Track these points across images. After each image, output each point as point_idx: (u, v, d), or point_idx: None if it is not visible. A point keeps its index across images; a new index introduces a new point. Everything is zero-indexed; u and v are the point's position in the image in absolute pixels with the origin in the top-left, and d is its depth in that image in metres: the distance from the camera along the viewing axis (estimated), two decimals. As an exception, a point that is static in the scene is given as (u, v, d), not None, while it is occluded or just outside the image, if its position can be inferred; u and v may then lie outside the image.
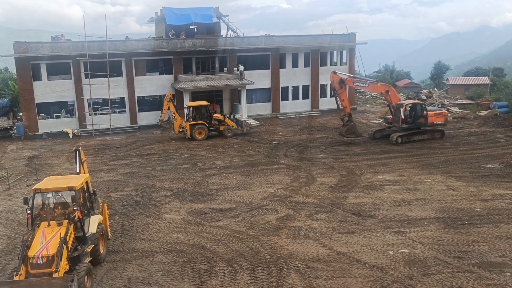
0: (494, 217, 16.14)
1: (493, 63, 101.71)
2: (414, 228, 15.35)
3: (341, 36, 46.90)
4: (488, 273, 12.14)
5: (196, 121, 33.07)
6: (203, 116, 33.46)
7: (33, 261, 11.25)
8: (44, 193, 12.72)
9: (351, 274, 12.32)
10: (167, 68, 41.58)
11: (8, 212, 18.94)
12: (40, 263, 11.26)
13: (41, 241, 11.67)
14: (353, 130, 30.37)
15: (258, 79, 42.38)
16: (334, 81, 30.01)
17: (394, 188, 19.95)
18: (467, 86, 60.06)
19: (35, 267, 11.24)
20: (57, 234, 11.84)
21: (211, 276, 12.50)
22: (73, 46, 38.79)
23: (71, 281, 10.57)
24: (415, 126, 29.71)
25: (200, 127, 32.97)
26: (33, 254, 11.30)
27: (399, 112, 29.20)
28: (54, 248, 11.44)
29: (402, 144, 28.75)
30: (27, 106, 37.58)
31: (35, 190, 12.56)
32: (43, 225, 12.30)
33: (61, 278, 10.83)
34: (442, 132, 30.60)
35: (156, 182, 22.41)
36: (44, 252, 11.35)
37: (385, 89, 30.30)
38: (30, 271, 11.21)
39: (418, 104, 30.72)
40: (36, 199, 12.62)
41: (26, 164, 28.11)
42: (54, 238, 11.71)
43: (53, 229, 12.11)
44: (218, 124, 33.96)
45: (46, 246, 11.50)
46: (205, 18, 45.04)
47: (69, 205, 13.11)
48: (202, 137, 32.90)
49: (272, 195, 19.57)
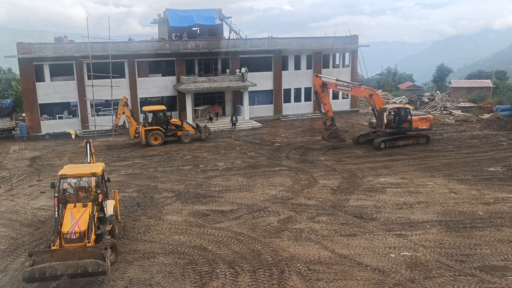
0: (496, 221, 16.10)
1: (496, 66, 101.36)
2: (416, 231, 15.32)
3: (344, 39, 46.95)
4: (490, 277, 12.11)
5: (151, 126, 32.09)
6: (160, 121, 32.42)
7: (66, 236, 12.66)
8: (69, 178, 14.06)
9: (353, 277, 12.30)
10: (170, 70, 41.70)
11: (10, 212, 18.97)
12: (73, 238, 12.70)
13: (71, 219, 13.08)
14: (335, 134, 29.70)
15: (260, 81, 42.43)
16: (316, 84, 29.37)
17: (396, 191, 19.92)
18: (469, 89, 59.95)
19: (68, 242, 12.67)
20: (85, 213, 13.27)
21: (212, 278, 12.50)
22: (76, 47, 38.94)
23: (105, 249, 12.15)
24: (399, 131, 29.04)
25: (155, 132, 31.95)
26: (67, 230, 12.71)
27: (382, 116, 28.72)
28: (85, 225, 12.90)
29: (385, 149, 28.13)
30: (30, 106, 37.72)
31: (61, 175, 13.90)
32: (70, 206, 13.70)
33: (95, 246, 12.40)
34: (428, 137, 29.92)
35: (158, 184, 22.43)
36: (76, 229, 12.78)
37: (368, 93, 29.53)
38: (64, 245, 12.60)
39: (402, 108, 29.96)
40: (62, 184, 13.92)
41: (28, 164, 28.17)
42: (83, 217, 13.15)
43: (79, 209, 13.52)
44: (175, 129, 32.88)
45: (77, 224, 12.93)
46: (208, 19, 45.15)
47: (90, 189, 14.33)
48: (157, 143, 31.86)
49: (274, 197, 19.57)
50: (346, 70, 47.60)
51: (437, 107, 48.64)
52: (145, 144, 31.98)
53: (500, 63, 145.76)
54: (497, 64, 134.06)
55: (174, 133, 32.90)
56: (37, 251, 12.46)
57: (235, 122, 38.46)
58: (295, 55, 44.67)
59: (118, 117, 34.44)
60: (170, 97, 41.63)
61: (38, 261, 11.74)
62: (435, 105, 49.55)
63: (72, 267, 11.51)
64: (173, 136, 32.91)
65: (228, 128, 38.47)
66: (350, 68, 47.60)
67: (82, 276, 11.65)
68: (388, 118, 28.64)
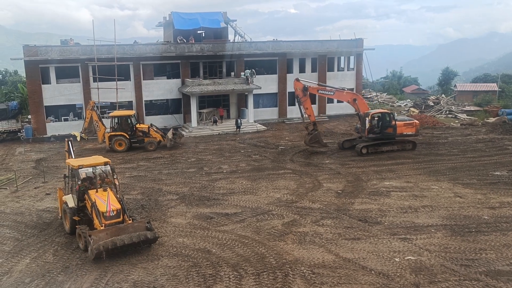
0: (502, 225, 16.01)
1: (502, 70, 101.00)
2: (420, 235, 15.26)
3: (349, 42, 46.92)
4: (496, 282, 12.03)
5: (116, 132, 31.43)
6: (126, 127, 31.68)
7: (106, 215, 14.65)
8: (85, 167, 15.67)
9: (357, 281, 12.26)
10: (175, 72, 41.81)
11: (15, 214, 19.07)
12: (112, 215, 14.73)
13: (101, 201, 14.96)
14: (317, 139, 29.12)
15: (265, 84, 42.48)
16: (297, 89, 28.83)
17: (401, 195, 19.85)
18: (475, 92, 59.76)
19: (109, 219, 14.67)
20: (110, 195, 15.32)
21: (216, 281, 12.50)
22: (81, 49, 39.17)
23: (148, 223, 14.87)
24: (383, 136, 28.41)
25: (119, 138, 31.26)
26: (105, 209, 14.69)
27: (365, 121, 28.02)
28: (116, 203, 15.06)
29: (368, 154, 27.66)
30: (36, 109, 37.94)
31: (79, 166, 15.54)
32: (92, 192, 15.42)
33: (140, 221, 15.08)
34: (414, 143, 29.09)
35: (163, 186, 22.47)
36: (112, 207, 14.82)
37: (352, 98, 28.87)
38: (105, 222, 14.54)
39: (386, 113, 29.12)
40: (81, 173, 15.50)
41: (34, 166, 28.31)
42: (110, 197, 15.19)
43: (102, 193, 15.39)
44: (142, 136, 31.95)
45: (110, 203, 14.89)
46: (213, 23, 45.26)
47: (104, 176, 16.03)
48: (122, 149, 31.17)
49: (278, 200, 19.55)
50: (351, 73, 47.55)
51: (442, 111, 48.47)
52: (110, 149, 31.51)
53: (506, 66, 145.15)
54: (502, 67, 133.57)
55: (141, 140, 31.94)
56: (95, 231, 14.09)
57: (239, 125, 38.51)
58: (300, 58, 44.68)
59: (86, 121, 34.15)
60: (175, 100, 41.74)
61: (96, 239, 13.60)
62: (440, 108, 49.39)
63: (135, 237, 13.98)
64: (139, 142, 31.97)
65: (232, 131, 38.51)
66: (355, 71, 47.54)
67: (143, 243, 14.22)
68: (371, 123, 28.01)
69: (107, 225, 14.48)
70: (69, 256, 14.60)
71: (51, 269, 13.69)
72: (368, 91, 64.12)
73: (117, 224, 14.66)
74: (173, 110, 41.69)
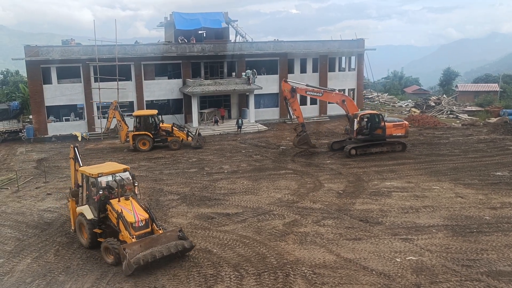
0: (503, 226, 15.98)
1: (503, 70, 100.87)
2: (422, 236, 15.24)
3: (350, 42, 46.92)
4: (497, 282, 12.01)
5: (140, 131, 31.58)
6: (149, 127, 31.90)
7: (135, 225, 13.79)
8: (105, 175, 14.67)
9: (358, 281, 12.25)
10: (176, 73, 41.84)
11: (17, 214, 19.09)
12: (141, 225, 13.88)
13: (127, 211, 14.02)
14: (305, 140, 28.79)
15: (266, 84, 42.48)
16: (285, 90, 28.54)
17: (402, 195, 19.83)
18: (476, 93, 59.72)
19: (138, 229, 13.81)
20: (134, 204, 14.42)
21: (217, 281, 12.49)
22: (83, 50, 39.20)
23: (179, 231, 14.09)
24: (372, 137, 28.03)
25: (143, 138, 31.38)
26: (133, 220, 13.80)
27: (353, 122, 27.72)
28: (144, 213, 14.21)
29: (356, 156, 27.44)
30: (37, 109, 38.00)
31: (98, 174, 14.47)
32: (114, 201, 14.43)
33: (172, 230, 14.26)
34: (404, 144, 28.76)
35: (164, 186, 22.47)
36: (141, 217, 13.95)
37: (340, 99, 28.61)
38: (135, 233, 13.63)
39: (376, 115, 28.68)
40: (100, 181, 14.53)
41: (35, 166, 28.34)
42: (135, 207, 14.30)
43: (125, 202, 14.40)
44: (165, 135, 32.13)
45: (136, 213, 14.03)
46: (214, 23, 45.28)
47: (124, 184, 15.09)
48: (146, 148, 31.27)
49: (279, 201, 19.54)
50: (352, 74, 47.55)
51: (444, 111, 48.44)
52: (133, 149, 31.62)
53: (507, 67, 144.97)
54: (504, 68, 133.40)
55: (164, 139, 32.12)
56: (129, 244, 13.17)
57: (240, 125, 38.52)
58: (301, 58, 44.68)
59: (109, 120, 34.44)
60: (176, 100, 41.76)
61: (130, 252, 12.80)
62: (442, 109, 49.37)
63: (172, 247, 13.36)
64: (163, 142, 32.18)
65: (233, 131, 38.52)
66: (356, 72, 47.54)
67: (181, 252, 13.64)
68: (359, 124, 27.78)
69: (136, 236, 13.61)
70: (70, 256, 14.62)
71: (52, 269, 13.71)
72: (369, 92, 64.08)
73: (148, 235, 13.83)
74: (174, 110, 41.68)
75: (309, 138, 29.58)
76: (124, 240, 13.64)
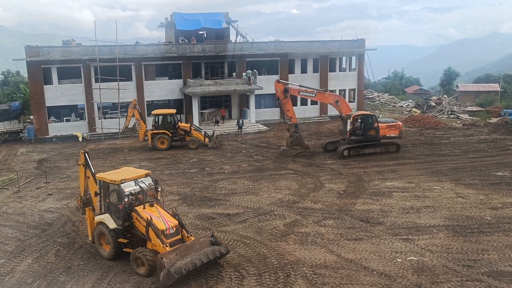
0: (504, 226, 15.97)
1: (504, 70, 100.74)
2: (422, 236, 15.23)
3: (350, 42, 46.93)
4: (498, 282, 12.00)
5: (158, 130, 31.73)
6: (168, 125, 32.04)
7: (166, 233, 13.15)
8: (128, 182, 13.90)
9: (359, 281, 12.24)
10: (177, 73, 41.87)
11: (18, 214, 19.10)
12: (172, 232, 13.26)
13: (156, 218, 13.39)
14: (298, 141, 28.71)
15: (266, 85, 42.39)
16: (278, 90, 28.35)
17: (403, 195, 19.82)
18: (477, 93, 59.67)
19: (169, 237, 13.15)
20: (161, 210, 13.87)
21: (218, 281, 12.49)
22: (83, 50, 39.24)
23: (212, 236, 13.58)
24: (365, 138, 27.89)
25: (161, 136, 31.52)
26: (164, 228, 13.17)
27: (346, 123, 27.62)
28: (172, 219, 13.61)
29: (350, 157, 27.34)
30: (38, 109, 38.04)
31: (121, 180, 13.67)
32: (140, 208, 13.78)
33: (204, 236, 13.61)
34: (398, 145, 28.61)
35: (164, 186, 22.43)
36: (171, 224, 13.35)
37: (334, 99, 28.48)
38: (166, 240, 12.97)
39: (369, 115, 28.51)
40: (124, 188, 13.75)
41: (36, 167, 28.35)
42: (163, 214, 13.74)
43: (151, 209, 13.80)
44: (183, 134, 32.28)
45: (165, 220, 13.43)
46: (215, 23, 45.31)
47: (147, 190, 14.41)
48: (164, 147, 31.45)
49: (280, 201, 19.54)
50: (353, 74, 47.57)
51: (444, 111, 48.42)
52: (152, 147, 31.91)
53: (508, 67, 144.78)
54: (505, 68, 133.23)
55: (182, 138, 32.41)
56: (165, 253, 12.53)
57: (241, 126, 38.52)
58: (301, 58, 44.70)
59: (128, 119, 34.75)
60: (176, 100, 41.77)
61: (168, 261, 12.24)
62: (442, 109, 49.36)
63: (210, 254, 12.94)
64: (180, 141, 32.44)
65: (234, 131, 38.53)
66: (357, 72, 47.56)
67: (218, 258, 13.27)
68: (353, 125, 27.66)
69: (169, 244, 12.92)
70: (71, 256, 14.62)
71: (53, 269, 13.72)
72: (370, 92, 64.10)
73: (179, 242, 13.23)
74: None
75: (302, 139, 29.46)
76: (155, 249, 12.93)
